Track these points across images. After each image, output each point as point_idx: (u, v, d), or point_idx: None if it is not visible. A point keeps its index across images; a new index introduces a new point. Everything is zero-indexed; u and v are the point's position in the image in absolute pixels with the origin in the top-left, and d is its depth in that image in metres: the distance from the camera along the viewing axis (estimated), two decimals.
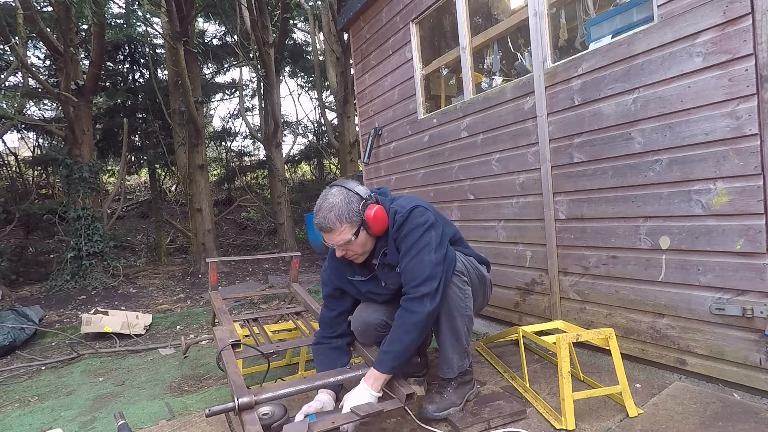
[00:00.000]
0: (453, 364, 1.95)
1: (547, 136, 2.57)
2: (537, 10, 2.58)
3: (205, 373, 3.24)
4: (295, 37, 13.01)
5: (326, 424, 1.61)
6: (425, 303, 1.75)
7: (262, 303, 5.52)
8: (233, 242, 10.71)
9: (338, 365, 2.00)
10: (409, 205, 1.85)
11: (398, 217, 1.83)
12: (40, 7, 8.00)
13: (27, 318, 4.57)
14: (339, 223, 1.77)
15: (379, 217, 1.81)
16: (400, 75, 3.83)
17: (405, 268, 1.81)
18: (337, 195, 1.81)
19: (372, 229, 1.82)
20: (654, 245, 2.12)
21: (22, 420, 2.72)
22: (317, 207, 1.83)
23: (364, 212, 1.80)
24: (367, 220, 1.80)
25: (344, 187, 1.84)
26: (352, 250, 1.86)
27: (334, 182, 1.91)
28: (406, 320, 1.77)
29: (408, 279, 1.79)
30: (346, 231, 1.79)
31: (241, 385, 1.75)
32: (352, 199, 1.80)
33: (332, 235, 1.80)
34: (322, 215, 1.79)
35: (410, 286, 1.78)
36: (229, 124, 14.59)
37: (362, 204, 1.81)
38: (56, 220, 8.80)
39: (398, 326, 1.79)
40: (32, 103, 10.84)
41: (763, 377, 1.81)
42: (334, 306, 2.10)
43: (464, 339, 1.94)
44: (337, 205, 1.78)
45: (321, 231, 1.82)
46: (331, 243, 1.84)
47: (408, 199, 1.92)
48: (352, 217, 1.78)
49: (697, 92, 1.90)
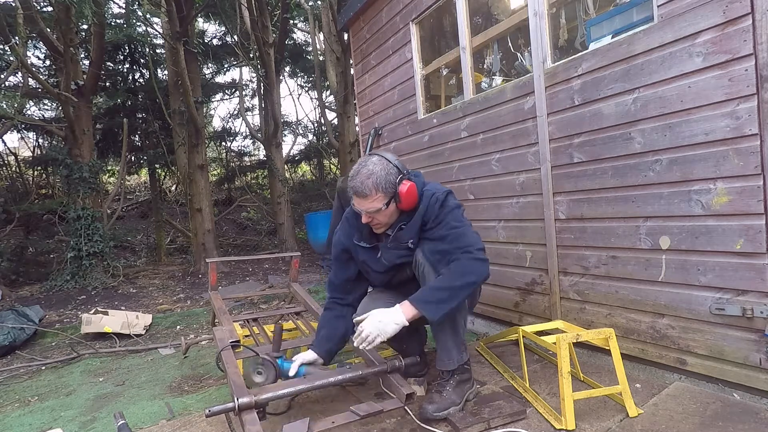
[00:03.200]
0: (453, 356, 1.97)
1: (547, 136, 2.57)
2: (537, 10, 2.58)
3: (205, 373, 3.24)
4: (295, 37, 13.01)
5: (326, 424, 1.62)
6: (484, 266, 1.84)
7: (262, 303, 5.52)
8: (233, 242, 10.70)
9: (338, 333, 2.06)
10: (444, 189, 1.97)
11: (435, 198, 1.92)
12: (40, 7, 7.99)
13: (27, 318, 4.56)
14: (375, 190, 1.84)
15: (412, 192, 1.88)
16: (400, 75, 3.83)
17: (456, 233, 1.87)
18: (377, 164, 1.88)
19: (402, 203, 1.88)
20: (654, 245, 2.12)
21: (22, 420, 2.72)
22: (354, 172, 1.89)
23: (399, 185, 1.87)
24: (399, 194, 1.87)
25: (384, 157, 1.91)
26: (378, 218, 1.92)
27: (373, 151, 2.00)
28: (463, 270, 1.80)
29: (463, 242, 1.85)
30: (380, 199, 1.86)
31: (241, 386, 1.75)
32: (390, 171, 1.87)
33: (365, 201, 1.87)
34: (359, 180, 1.86)
35: (468, 247, 1.83)
36: (229, 124, 14.59)
37: (399, 177, 1.88)
38: (56, 220, 8.80)
39: (453, 273, 1.80)
40: (32, 103, 10.82)
41: (763, 377, 1.81)
42: (341, 270, 2.15)
43: (461, 332, 1.99)
44: (376, 173, 1.85)
45: (355, 195, 1.88)
46: (360, 208, 1.90)
47: (439, 185, 2.02)
48: (388, 187, 1.85)
49: (697, 92, 1.90)
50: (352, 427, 1.90)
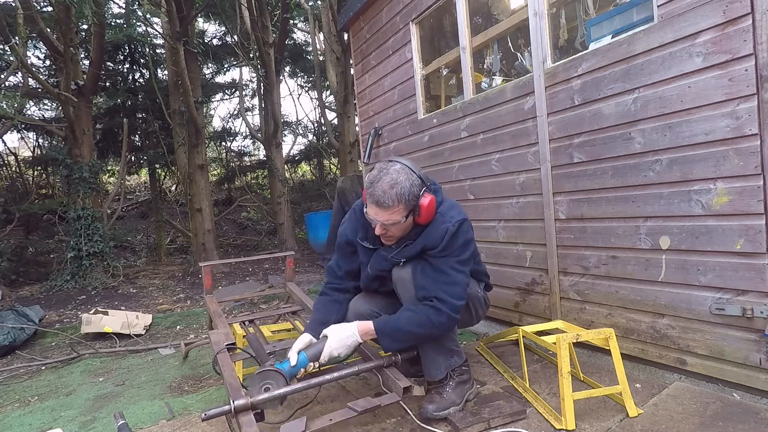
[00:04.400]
0: (439, 364, 1.95)
1: (547, 136, 2.57)
2: (537, 10, 2.58)
3: (205, 373, 3.24)
4: (295, 37, 13.01)
5: (324, 422, 1.62)
6: (452, 323, 1.83)
7: (262, 303, 5.51)
8: (233, 242, 10.70)
9: (332, 318, 2.01)
10: (458, 218, 1.84)
11: (444, 228, 1.81)
12: (40, 7, 7.99)
13: (27, 318, 4.56)
14: (398, 201, 1.71)
15: (431, 208, 1.79)
16: (400, 75, 3.83)
17: (449, 279, 1.81)
18: (401, 173, 1.74)
19: (421, 217, 1.78)
20: (654, 245, 2.12)
21: (22, 420, 2.72)
22: (374, 178, 1.75)
23: (420, 199, 1.76)
24: (420, 207, 1.76)
25: (408, 166, 1.78)
26: (393, 231, 1.82)
27: (392, 158, 1.84)
28: (430, 323, 1.79)
29: (449, 292, 1.79)
30: (400, 212, 1.74)
31: (237, 388, 1.75)
32: (414, 182, 1.75)
33: (384, 212, 1.73)
34: (381, 189, 1.71)
35: (449, 300, 1.78)
36: (229, 124, 14.59)
37: (422, 190, 1.77)
38: (56, 220, 8.79)
39: (420, 320, 1.80)
40: (32, 103, 10.82)
41: (763, 377, 1.81)
42: (343, 260, 2.09)
43: (446, 342, 1.96)
44: (401, 183, 1.72)
45: (374, 204, 1.73)
46: (377, 219, 1.76)
47: (454, 207, 1.91)
48: (411, 199, 1.74)
49: (697, 92, 1.90)
50: (352, 427, 1.91)
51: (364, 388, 2.32)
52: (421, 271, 1.85)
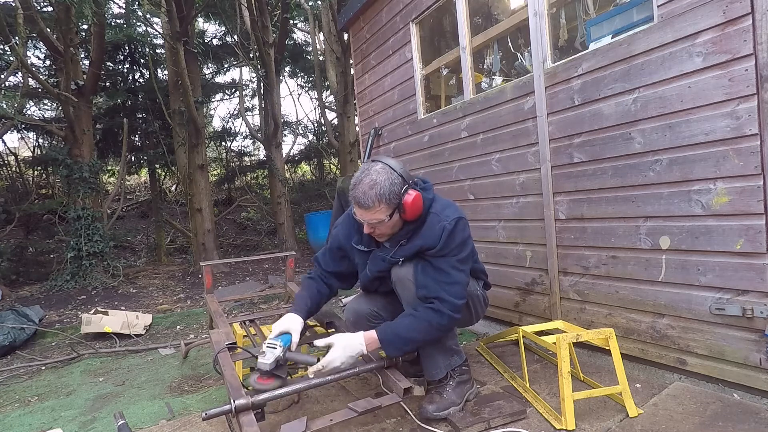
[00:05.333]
0: (439, 364, 1.96)
1: (547, 136, 2.57)
2: (537, 10, 2.58)
3: (205, 373, 3.24)
4: (295, 37, 13.01)
5: (324, 422, 1.62)
6: (452, 323, 1.85)
7: (262, 303, 5.52)
8: (233, 242, 10.70)
9: (316, 296, 2.04)
10: (454, 216, 1.85)
11: (441, 227, 1.82)
12: (40, 7, 8.00)
13: (27, 318, 4.56)
14: (378, 201, 1.75)
15: (417, 203, 1.80)
16: (400, 75, 3.83)
17: (450, 278, 1.82)
18: (381, 173, 1.77)
19: (407, 214, 1.80)
20: (654, 245, 2.12)
21: (22, 420, 2.72)
22: (356, 180, 1.80)
23: (404, 196, 1.78)
24: (404, 204, 1.78)
25: (388, 165, 1.81)
26: (380, 230, 1.85)
27: (376, 158, 1.88)
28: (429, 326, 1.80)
29: (450, 292, 1.81)
30: (382, 211, 1.77)
31: (238, 387, 1.74)
32: (395, 181, 1.77)
33: (367, 212, 1.78)
34: (361, 190, 1.76)
35: (450, 299, 1.80)
36: (229, 124, 14.59)
37: (404, 188, 1.79)
38: (56, 220, 8.79)
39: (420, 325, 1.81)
40: (32, 103, 10.83)
41: (763, 377, 1.81)
42: (332, 262, 2.13)
43: (447, 341, 1.97)
44: (380, 183, 1.75)
45: (357, 206, 1.80)
46: (362, 219, 1.82)
47: (449, 206, 1.92)
48: (392, 198, 1.76)
49: (697, 92, 1.90)
50: (352, 427, 1.91)
51: (364, 388, 2.32)
52: (422, 270, 1.86)
